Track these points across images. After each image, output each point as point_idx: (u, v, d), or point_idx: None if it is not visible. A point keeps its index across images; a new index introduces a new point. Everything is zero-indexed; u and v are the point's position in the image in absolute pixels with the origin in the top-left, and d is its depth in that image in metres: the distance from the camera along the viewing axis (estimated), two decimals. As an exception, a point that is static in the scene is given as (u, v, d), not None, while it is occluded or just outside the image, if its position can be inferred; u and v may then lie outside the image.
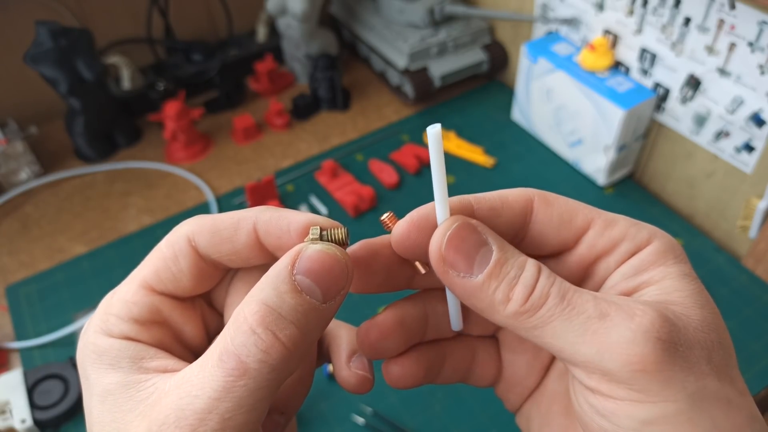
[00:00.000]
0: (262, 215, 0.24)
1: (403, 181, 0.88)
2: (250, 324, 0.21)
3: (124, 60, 0.97)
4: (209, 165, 0.92)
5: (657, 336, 0.20)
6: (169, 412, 0.20)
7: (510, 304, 0.22)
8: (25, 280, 0.77)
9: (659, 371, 0.20)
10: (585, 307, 0.21)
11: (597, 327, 0.21)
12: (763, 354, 0.67)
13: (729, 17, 0.67)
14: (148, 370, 0.22)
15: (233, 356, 0.20)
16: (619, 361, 0.20)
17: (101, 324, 0.23)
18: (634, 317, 0.20)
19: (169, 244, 0.25)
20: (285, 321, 0.21)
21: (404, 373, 0.27)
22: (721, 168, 0.76)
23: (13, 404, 0.61)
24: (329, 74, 0.97)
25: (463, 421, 0.62)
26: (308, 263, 0.22)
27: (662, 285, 0.22)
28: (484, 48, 1.01)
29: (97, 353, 0.23)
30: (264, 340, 0.20)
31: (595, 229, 0.24)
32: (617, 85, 0.80)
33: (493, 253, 0.22)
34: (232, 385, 0.20)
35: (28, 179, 0.89)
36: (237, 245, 0.24)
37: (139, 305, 0.24)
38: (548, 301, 0.21)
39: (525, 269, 0.22)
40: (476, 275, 0.22)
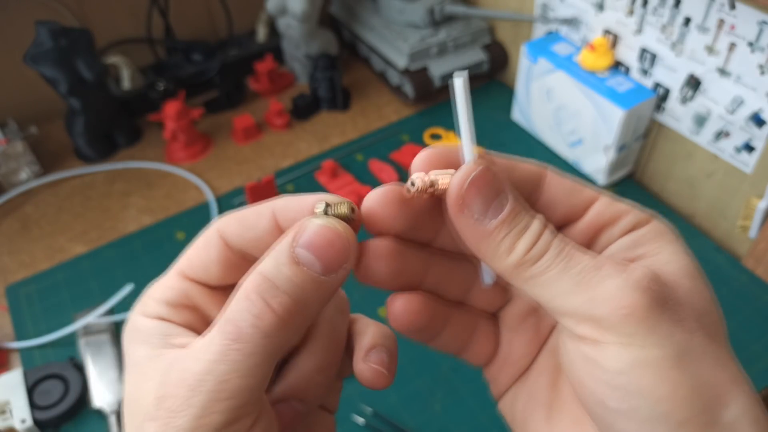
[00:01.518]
0: (279, 201, 0.26)
1: (404, 181, 0.87)
2: (246, 291, 0.22)
3: (124, 60, 0.97)
4: (209, 165, 0.92)
5: (647, 286, 0.21)
6: (173, 373, 0.22)
7: (513, 254, 0.23)
8: (25, 280, 0.77)
9: (647, 318, 0.21)
10: (581, 258, 0.22)
11: (590, 277, 0.22)
12: (763, 354, 0.67)
13: (729, 17, 0.67)
14: (172, 345, 0.24)
15: (230, 322, 0.22)
16: (609, 307, 0.21)
17: (141, 306, 0.26)
18: (626, 270, 0.22)
19: (203, 236, 0.27)
20: (278, 290, 0.22)
21: (409, 308, 0.27)
22: (721, 168, 0.76)
23: (13, 404, 0.61)
24: (329, 74, 0.97)
25: (463, 421, 0.62)
26: (309, 236, 0.23)
27: (657, 258, 0.23)
28: (484, 48, 1.01)
29: (134, 331, 0.25)
30: (256, 306, 0.22)
31: (601, 201, 0.25)
32: (617, 85, 0.80)
33: (509, 203, 0.23)
34: (228, 348, 0.21)
35: (28, 179, 0.89)
36: (259, 232, 0.25)
37: (172, 289, 0.26)
38: (548, 252, 0.22)
39: (532, 224, 0.23)
40: (489, 221, 0.23)
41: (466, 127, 0.24)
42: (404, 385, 0.65)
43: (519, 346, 0.29)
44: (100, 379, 0.65)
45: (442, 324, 0.28)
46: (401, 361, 0.29)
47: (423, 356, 0.67)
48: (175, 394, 0.21)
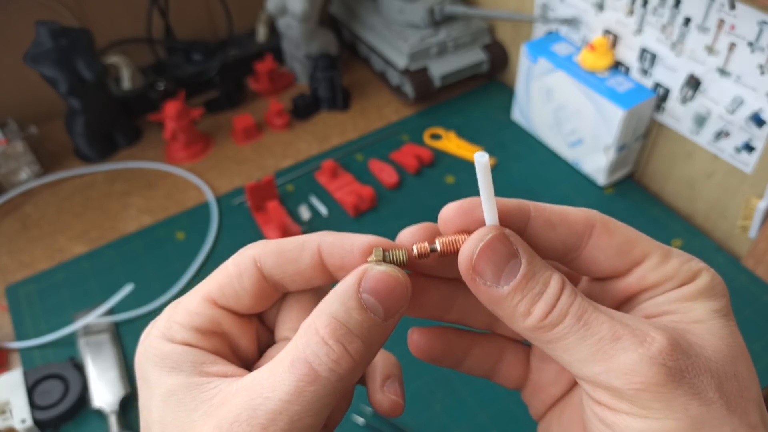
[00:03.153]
0: (325, 237, 0.26)
1: (403, 181, 0.88)
2: (321, 335, 0.22)
3: (124, 60, 0.97)
4: (209, 165, 0.92)
5: (662, 362, 0.21)
6: (240, 411, 0.21)
7: (530, 318, 0.23)
8: (25, 280, 0.77)
9: (663, 392, 0.21)
10: (599, 328, 0.22)
11: (607, 348, 0.22)
12: (763, 354, 0.67)
13: (729, 17, 0.67)
14: (209, 374, 0.24)
15: (305, 363, 0.22)
16: (625, 381, 0.21)
17: (164, 330, 0.25)
18: (644, 343, 0.21)
19: (236, 264, 0.26)
20: (352, 335, 0.23)
21: (424, 343, 0.29)
22: (721, 168, 0.76)
23: (13, 404, 0.61)
24: (329, 74, 0.97)
25: (463, 421, 0.62)
26: (373, 283, 0.23)
27: (687, 316, 0.23)
28: (484, 48, 1.01)
29: (159, 356, 0.24)
30: (335, 351, 0.22)
31: (649, 263, 0.25)
32: (617, 85, 0.80)
33: (521, 267, 0.23)
34: (303, 389, 0.22)
35: (28, 179, 0.89)
36: (301, 266, 0.26)
37: (201, 316, 0.25)
38: (566, 319, 0.23)
39: (549, 285, 0.23)
40: (502, 286, 0.23)
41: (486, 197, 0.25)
42: (404, 385, 0.65)
43: (549, 374, 0.29)
44: (100, 379, 0.65)
45: (463, 353, 0.30)
46: (402, 362, 0.30)
47: (423, 356, 0.67)
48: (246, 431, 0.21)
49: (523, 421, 0.62)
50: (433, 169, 0.89)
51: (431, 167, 0.90)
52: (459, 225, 0.25)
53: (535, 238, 0.25)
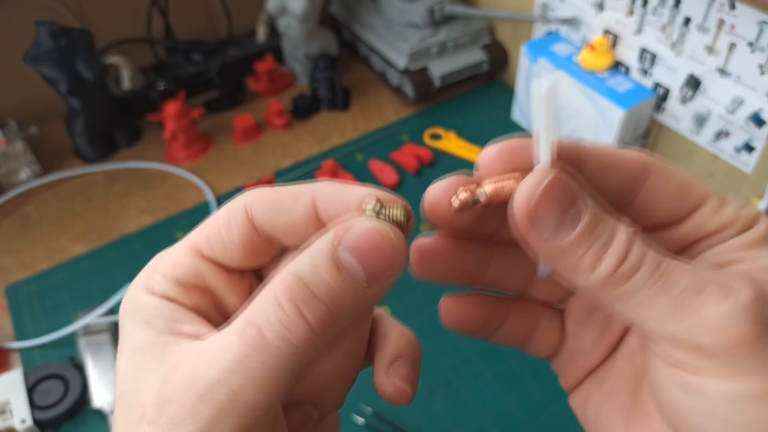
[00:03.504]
0: (321, 188, 0.23)
1: (403, 181, 0.88)
2: (276, 295, 0.19)
3: (124, 60, 0.97)
4: (209, 165, 0.92)
5: (755, 315, 0.19)
6: (183, 377, 0.19)
7: (598, 271, 0.20)
8: (25, 280, 0.77)
9: (758, 349, 0.19)
10: (680, 280, 0.20)
11: (692, 302, 0.19)
12: (763, 354, 0.67)
13: (729, 17, 0.67)
14: (180, 333, 0.21)
15: (254, 326, 0.19)
16: (715, 336, 0.19)
17: (146, 280, 0.23)
18: (731, 293, 0.19)
19: (226, 211, 0.23)
20: (315, 299, 0.19)
21: (462, 313, 0.26)
22: (721, 168, 0.76)
23: (13, 404, 0.61)
24: (329, 74, 0.97)
25: (463, 421, 0.62)
26: (355, 239, 0.20)
27: (756, 264, 0.21)
28: (484, 48, 1.01)
29: (135, 308, 0.22)
30: (288, 316, 0.19)
31: (707, 207, 0.22)
32: (617, 85, 0.80)
33: (585, 214, 0.20)
34: (247, 356, 0.19)
35: (28, 179, 0.89)
36: (294, 217, 0.23)
37: (184, 267, 0.23)
38: (641, 270, 0.20)
39: (617, 235, 0.20)
40: (564, 236, 0.20)
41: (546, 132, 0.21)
42: (404, 385, 0.65)
43: (586, 340, 0.26)
44: (100, 379, 0.65)
45: (500, 321, 0.26)
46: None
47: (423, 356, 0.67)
48: (181, 401, 0.19)
49: (523, 420, 0.62)
50: (433, 169, 0.89)
51: (431, 167, 0.90)
52: (505, 169, 0.22)
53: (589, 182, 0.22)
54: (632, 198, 0.23)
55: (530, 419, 0.62)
